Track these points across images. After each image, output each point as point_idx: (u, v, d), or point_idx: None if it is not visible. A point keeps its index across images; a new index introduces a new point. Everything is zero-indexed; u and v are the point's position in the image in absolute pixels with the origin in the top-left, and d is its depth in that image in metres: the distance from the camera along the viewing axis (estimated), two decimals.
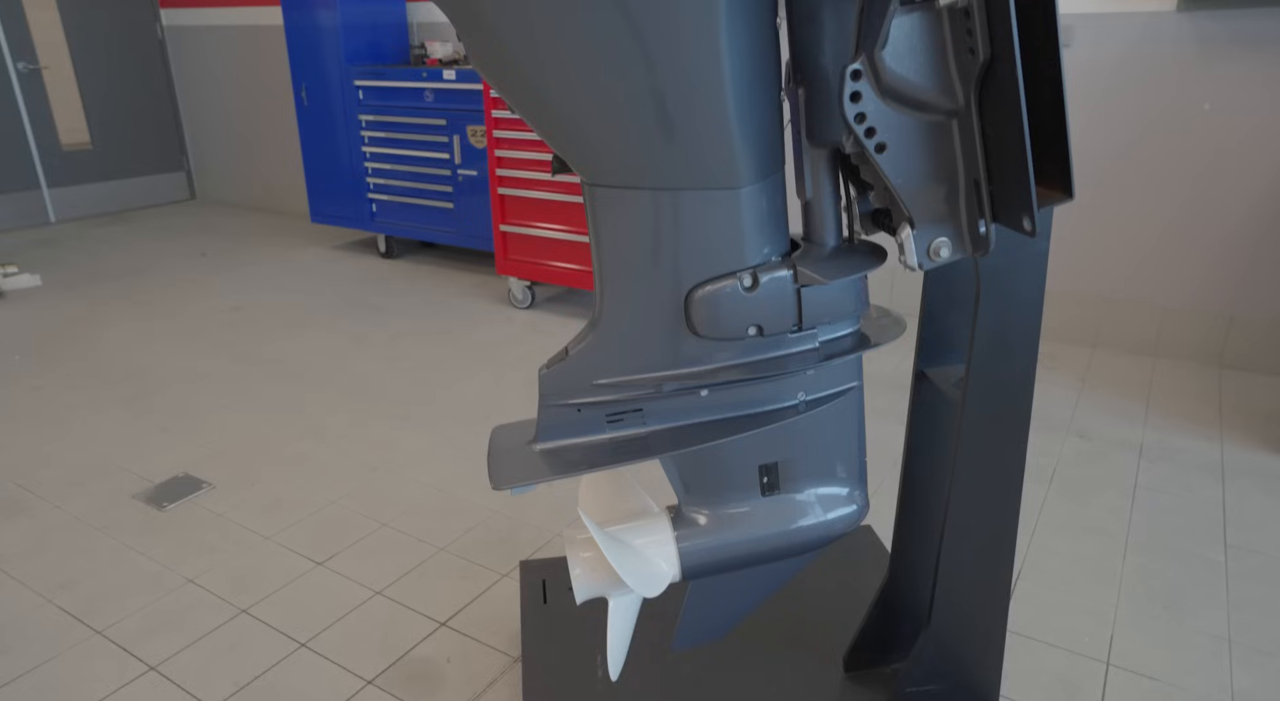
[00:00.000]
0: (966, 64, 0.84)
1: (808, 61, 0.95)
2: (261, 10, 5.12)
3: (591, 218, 0.96)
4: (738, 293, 0.96)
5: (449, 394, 2.83)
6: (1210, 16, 2.67)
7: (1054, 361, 3.04)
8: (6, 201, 5.10)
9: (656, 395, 1.03)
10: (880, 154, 0.89)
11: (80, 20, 5.28)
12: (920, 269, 0.95)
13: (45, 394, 2.85)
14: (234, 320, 3.56)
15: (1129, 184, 2.95)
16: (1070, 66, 2.93)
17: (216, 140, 5.80)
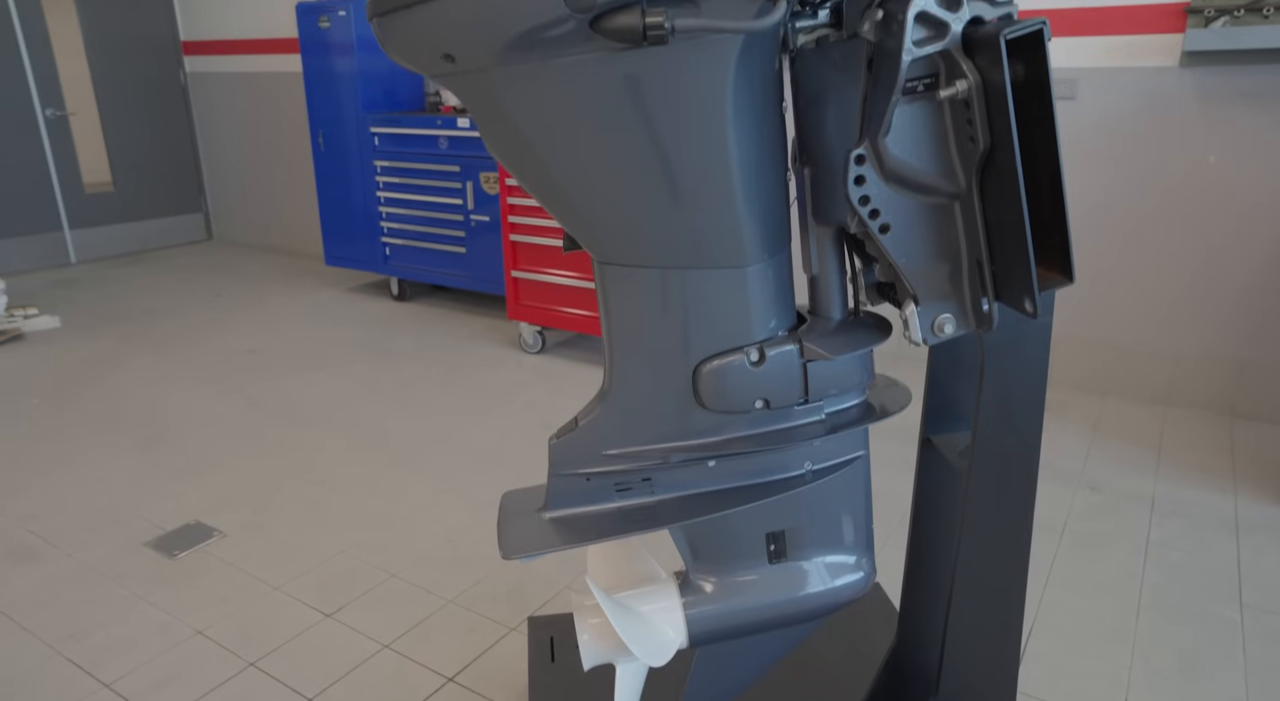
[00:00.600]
0: (967, 151, 0.86)
1: (813, 143, 0.97)
2: (281, 58, 5.25)
3: (601, 293, 0.98)
4: (744, 367, 0.98)
5: (459, 440, 2.84)
6: (1212, 72, 2.71)
7: (1065, 410, 3.03)
8: (30, 243, 5.20)
9: (664, 465, 1.05)
10: (884, 234, 0.91)
11: (108, 68, 5.43)
12: (925, 344, 0.97)
13: (62, 437, 2.88)
14: (248, 363, 3.60)
15: (1137, 233, 2.97)
16: (1075, 119, 2.97)
17: (234, 183, 5.91)
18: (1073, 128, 2.98)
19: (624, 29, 0.74)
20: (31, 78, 5.06)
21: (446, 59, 0.80)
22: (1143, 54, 2.81)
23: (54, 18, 5.16)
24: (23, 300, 4.42)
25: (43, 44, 5.10)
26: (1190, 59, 2.72)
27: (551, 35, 0.76)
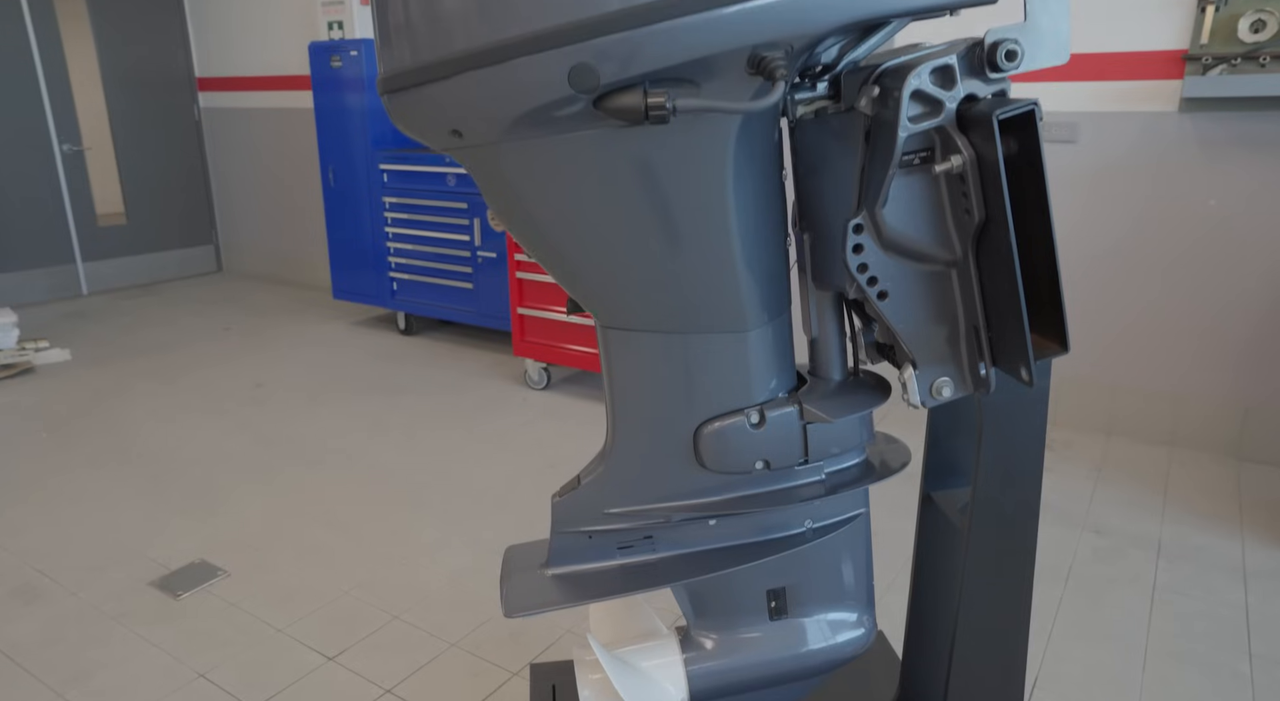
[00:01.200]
0: (963, 222, 0.88)
1: (812, 210, 1.00)
2: (293, 95, 5.34)
3: (605, 355, 1.00)
4: (745, 429, 0.99)
5: (464, 480, 2.85)
6: (1211, 118, 2.74)
7: (1069, 450, 3.03)
8: (42, 275, 5.26)
9: (666, 524, 1.06)
10: (882, 301, 0.93)
11: (124, 103, 5.53)
12: (923, 407, 0.98)
13: (70, 473, 2.90)
14: (256, 398, 3.62)
15: (1139, 274, 2.99)
16: (1076, 161, 3.00)
17: (244, 216, 5.98)
18: (1073, 170, 3.01)
19: (627, 109, 0.76)
20: (50, 113, 5.16)
21: (454, 134, 0.82)
22: (1142, 99, 2.85)
23: (73, 53, 5.27)
24: (34, 332, 4.47)
25: (62, 80, 5.20)
26: (1189, 105, 2.75)
27: (556, 114, 0.78)
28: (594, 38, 0.74)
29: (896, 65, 0.86)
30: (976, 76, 0.85)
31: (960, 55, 0.83)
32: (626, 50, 0.74)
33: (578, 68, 0.74)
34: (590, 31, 0.73)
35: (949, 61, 0.82)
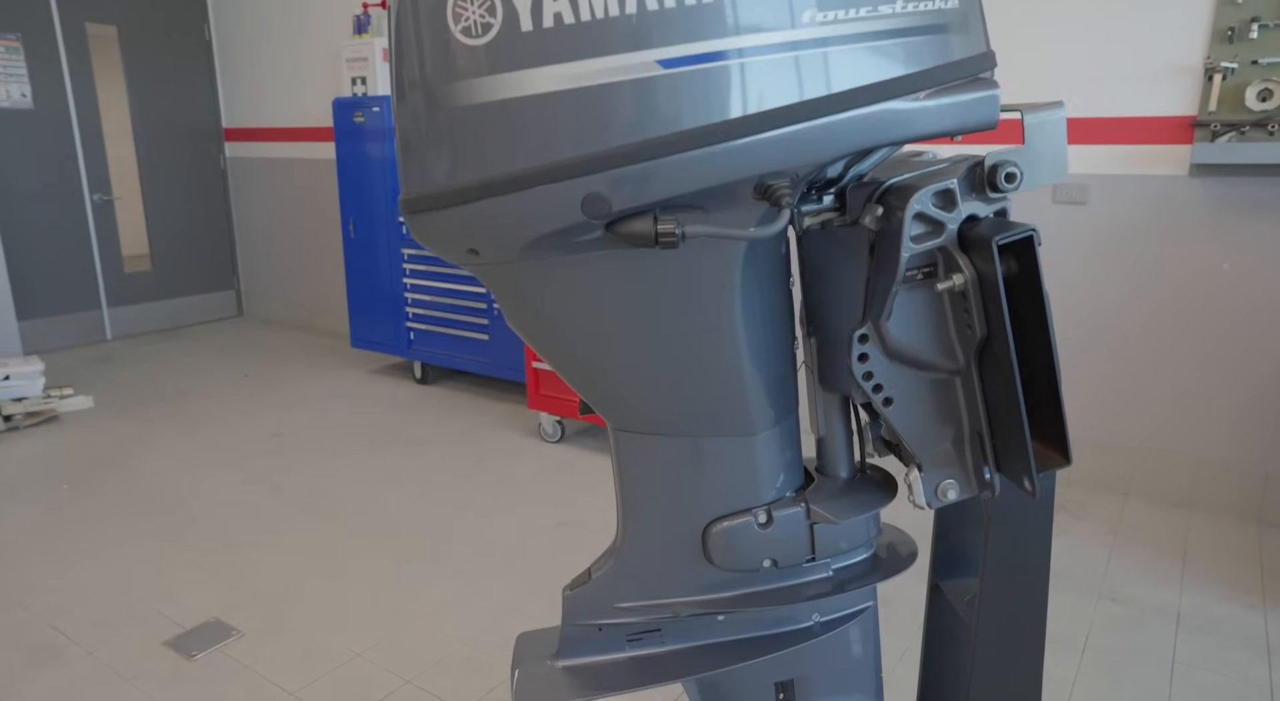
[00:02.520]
0: (966, 336, 0.91)
1: (819, 315, 1.02)
2: (315, 146, 5.47)
3: (615, 455, 1.02)
4: (752, 529, 1.01)
5: (479, 535, 2.86)
6: (1222, 183, 2.76)
7: (1085, 511, 3.00)
8: (69, 321, 5.37)
9: (675, 618, 1.07)
10: (887, 407, 0.95)
11: (153, 153, 5.69)
12: (929, 508, 0.99)
13: (89, 525, 2.93)
14: (273, 448, 3.66)
15: (1153, 335, 2.99)
16: (1087, 223, 3.02)
17: (266, 262, 6.09)
18: (1084, 231, 3.03)
19: (638, 235, 0.79)
20: (83, 164, 5.31)
21: (471, 252, 0.86)
22: (1153, 163, 2.87)
23: (107, 105, 5.44)
24: (59, 378, 4.54)
25: (95, 133, 5.37)
26: (1199, 170, 2.78)
27: (569, 238, 0.82)
28: (607, 169, 0.77)
29: (900, 184, 0.89)
30: (977, 197, 0.87)
31: (961, 177, 0.86)
32: (638, 181, 0.78)
33: (590, 197, 0.78)
34: (604, 163, 0.77)
35: (950, 185, 0.85)
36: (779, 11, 0.76)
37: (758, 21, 0.76)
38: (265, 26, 5.60)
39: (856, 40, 0.78)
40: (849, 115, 0.79)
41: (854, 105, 0.79)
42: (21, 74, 4.99)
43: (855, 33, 0.78)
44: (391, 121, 4.40)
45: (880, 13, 0.79)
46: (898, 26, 0.80)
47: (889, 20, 0.79)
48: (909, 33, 0.80)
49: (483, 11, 0.76)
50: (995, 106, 0.85)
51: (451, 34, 0.77)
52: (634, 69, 0.75)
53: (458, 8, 0.77)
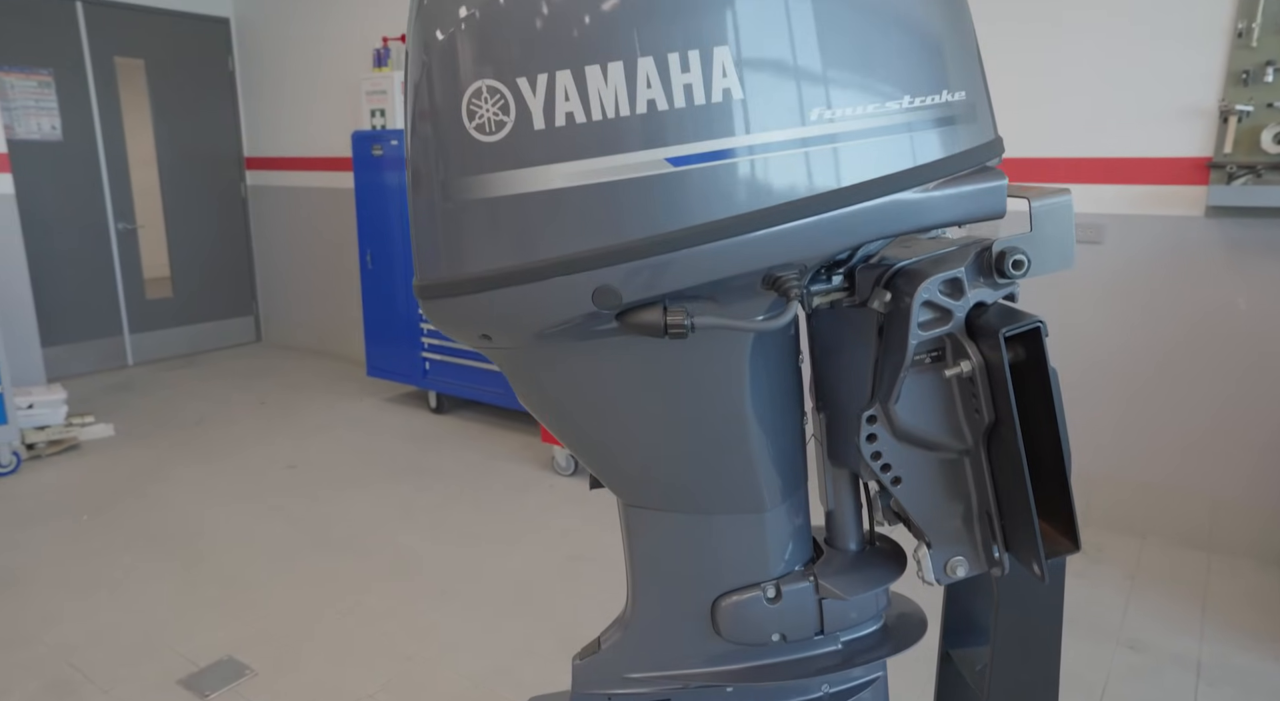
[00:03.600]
0: (974, 420, 0.91)
1: (828, 392, 1.03)
2: (334, 175, 5.54)
3: (625, 530, 1.03)
4: (761, 603, 1.01)
5: (491, 571, 2.86)
6: (1238, 224, 2.75)
7: (1102, 553, 2.97)
8: (92, 347, 5.45)
9: (685, 689, 1.07)
10: (896, 486, 0.95)
11: (176, 182, 5.79)
12: (938, 584, 0.99)
13: (106, 558, 2.96)
14: (288, 479, 3.68)
15: (1169, 374, 2.96)
16: (1102, 262, 3.01)
17: (284, 289, 6.17)
18: (1099, 270, 3.02)
19: (647, 325, 0.81)
20: (108, 194, 5.41)
21: (483, 337, 0.88)
22: (1168, 203, 2.87)
23: (133, 135, 5.54)
24: (81, 405, 4.60)
25: (121, 163, 5.47)
26: (1215, 211, 2.76)
27: (580, 326, 0.83)
28: (617, 263, 0.78)
29: (908, 268, 0.90)
30: (985, 282, 0.88)
31: (969, 264, 0.87)
32: (648, 274, 0.79)
33: (601, 289, 0.79)
34: (614, 258, 0.78)
35: (958, 273, 0.85)
36: (788, 110, 0.77)
37: (766, 119, 0.77)
38: (287, 58, 5.71)
39: (865, 136, 0.80)
40: (857, 208, 0.80)
41: (861, 199, 0.80)
42: (53, 107, 5.10)
43: (863, 128, 0.80)
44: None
45: (888, 108, 0.80)
46: (906, 121, 0.81)
47: (897, 115, 0.81)
48: (917, 126, 0.82)
49: (496, 110, 0.78)
50: (1002, 197, 0.85)
51: (466, 130, 0.79)
52: (644, 167, 0.77)
53: (472, 105, 0.79)
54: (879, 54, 0.79)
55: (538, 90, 0.76)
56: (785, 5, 0.76)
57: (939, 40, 0.83)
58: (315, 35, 5.48)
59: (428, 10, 0.81)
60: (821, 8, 0.77)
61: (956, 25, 0.85)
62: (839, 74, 0.78)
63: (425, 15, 0.81)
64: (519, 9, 0.77)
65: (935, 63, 0.82)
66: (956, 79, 0.84)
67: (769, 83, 0.77)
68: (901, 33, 0.80)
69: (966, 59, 0.86)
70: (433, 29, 0.80)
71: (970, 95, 0.85)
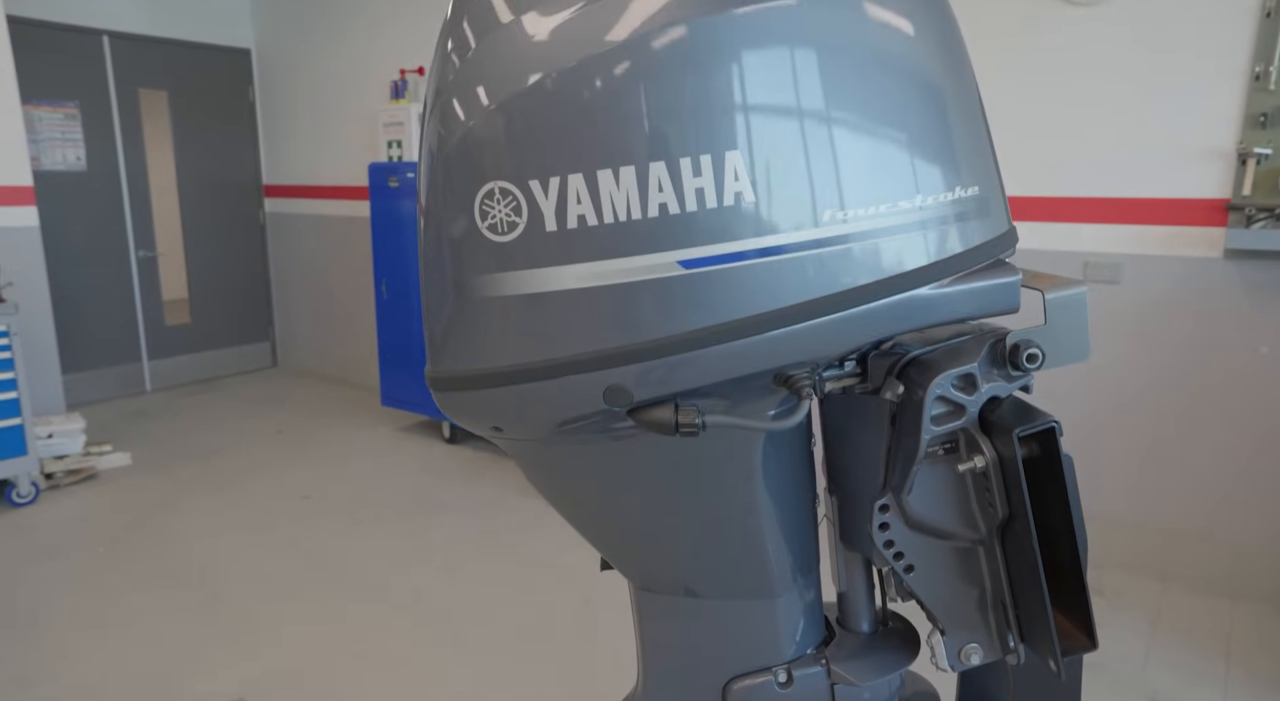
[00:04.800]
0: (988, 513, 0.90)
1: (839, 475, 1.02)
2: (351, 204, 5.60)
3: (636, 612, 1.02)
4: (772, 688, 1.00)
5: (502, 611, 2.85)
6: (1258, 267, 2.72)
7: (1121, 598, 2.92)
8: (111, 374, 5.51)
9: None
10: (909, 574, 0.94)
11: (196, 208, 5.87)
12: (952, 671, 0.98)
13: (120, 595, 2.97)
14: (303, 512, 3.70)
15: (1189, 417, 2.93)
16: (1120, 302, 2.99)
17: (300, 314, 6.22)
18: (1117, 310, 3.00)
19: (658, 423, 0.80)
20: (130, 222, 5.49)
21: (495, 429, 0.88)
22: (1186, 244, 2.84)
23: (154, 161, 5.63)
24: (99, 433, 4.64)
25: (143, 192, 5.55)
26: (1234, 254, 2.74)
27: (591, 421, 0.83)
28: (628, 364, 0.78)
29: (922, 359, 0.89)
30: (999, 375, 0.87)
31: (983, 357, 0.86)
32: (660, 374, 0.79)
33: (613, 388, 0.79)
34: (625, 359, 0.78)
35: (971, 369, 0.85)
36: (800, 212, 0.77)
37: (778, 222, 0.77)
38: (306, 88, 5.79)
39: (878, 235, 0.79)
40: (869, 307, 0.80)
41: (874, 298, 0.80)
42: (78, 139, 5.19)
43: (876, 228, 0.79)
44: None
45: (900, 208, 0.80)
46: (919, 219, 0.81)
47: (910, 214, 0.80)
48: (930, 224, 0.81)
49: (509, 211, 0.78)
50: (1016, 293, 0.85)
51: (479, 230, 0.80)
52: (656, 269, 0.77)
53: (484, 206, 0.79)
54: (891, 156, 0.79)
55: (550, 193, 0.77)
56: (798, 110, 0.77)
57: (951, 138, 0.83)
58: (334, 67, 5.56)
59: (442, 107, 0.82)
60: (834, 112, 0.77)
61: (968, 119, 0.85)
62: (852, 176, 0.78)
63: (439, 112, 0.82)
64: (532, 112, 0.77)
65: (948, 160, 0.82)
66: (969, 174, 0.84)
67: (781, 186, 0.77)
68: (914, 134, 0.80)
69: (979, 152, 0.86)
70: (447, 126, 0.81)
71: (983, 188, 0.85)
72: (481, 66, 0.79)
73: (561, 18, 0.76)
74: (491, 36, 0.79)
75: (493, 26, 0.79)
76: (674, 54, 0.75)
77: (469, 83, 0.79)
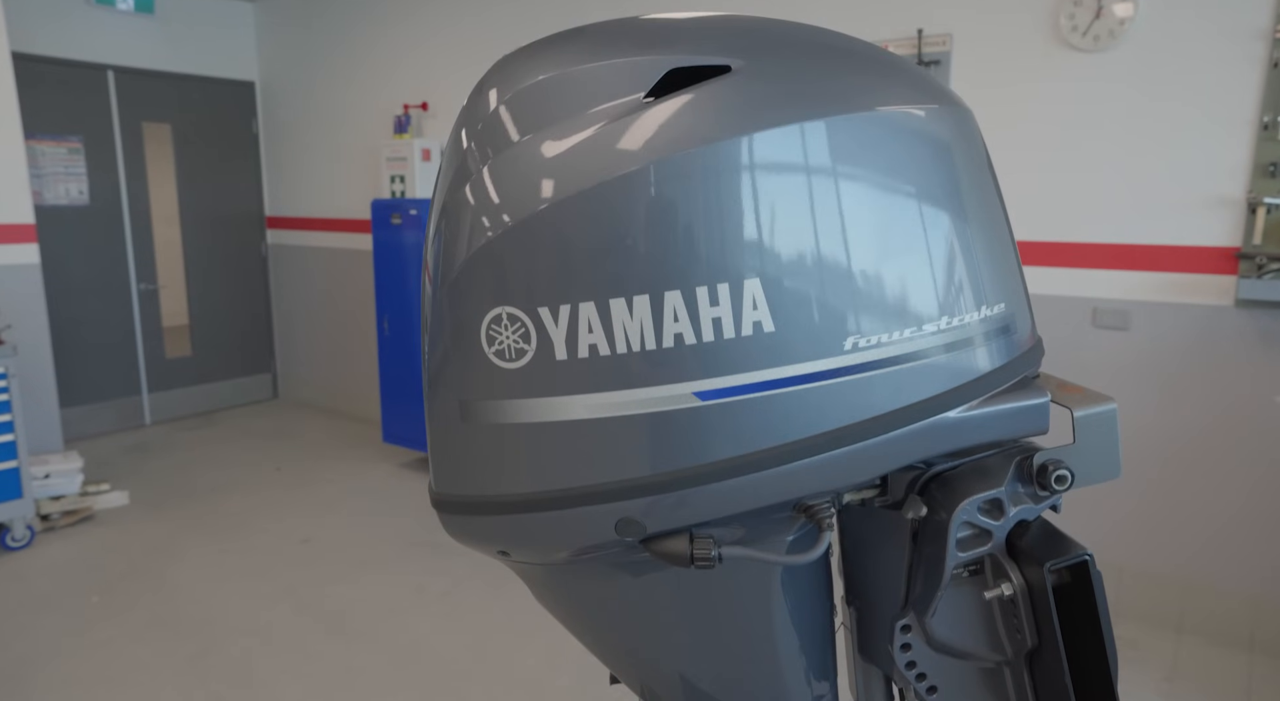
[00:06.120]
0: (1016, 639, 0.86)
1: (859, 588, 0.98)
2: (355, 236, 5.59)
3: None
4: None
5: (503, 664, 2.79)
6: (1269, 315, 2.69)
7: (1136, 650, 2.86)
8: (109, 407, 5.47)
9: None
10: (931, 695, 0.90)
11: (198, 240, 5.86)
12: None
13: (114, 649, 2.92)
14: (301, 556, 3.64)
15: (1201, 466, 2.88)
16: (1129, 349, 2.96)
17: (302, 347, 6.19)
18: (1126, 357, 2.96)
19: (673, 554, 0.77)
20: (131, 256, 5.48)
21: (502, 553, 0.84)
22: (1197, 292, 2.81)
23: (156, 192, 5.62)
24: (97, 470, 4.60)
25: (145, 226, 5.55)
26: (1245, 302, 2.71)
27: (601, 552, 0.79)
28: (641, 496, 0.75)
29: (946, 476, 0.86)
30: (1026, 494, 0.84)
31: (1010, 477, 0.83)
32: (674, 506, 0.75)
33: (625, 520, 0.76)
34: (637, 491, 0.75)
35: (998, 495, 0.81)
36: (820, 340, 0.74)
37: (798, 351, 0.74)
38: (310, 122, 5.80)
39: (902, 361, 0.76)
40: (894, 435, 0.77)
41: (898, 425, 0.76)
42: (81, 173, 5.20)
43: (901, 354, 0.76)
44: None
45: (925, 331, 0.77)
46: (944, 342, 0.77)
47: (935, 337, 0.77)
48: (956, 346, 0.78)
49: (517, 338, 0.75)
50: (1045, 415, 0.81)
51: (485, 355, 0.76)
52: (670, 400, 0.73)
53: (491, 331, 0.76)
54: (915, 279, 0.76)
55: (560, 321, 0.73)
56: (817, 236, 0.73)
57: (976, 257, 0.80)
58: (338, 100, 5.58)
59: (448, 225, 0.79)
60: (855, 238, 0.74)
61: (994, 234, 0.82)
62: (875, 302, 0.75)
63: (446, 230, 0.79)
64: (542, 237, 0.74)
65: (973, 279, 0.79)
66: (995, 291, 0.81)
67: (801, 314, 0.73)
68: (937, 256, 0.77)
69: (1005, 267, 0.83)
70: (452, 246, 0.78)
71: (1009, 304, 0.82)
72: (490, 187, 0.76)
73: (572, 141, 0.73)
74: (502, 156, 0.76)
75: (503, 145, 0.76)
76: (691, 179, 0.72)
77: (476, 203, 0.76)
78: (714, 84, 0.73)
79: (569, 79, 0.75)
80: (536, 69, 0.76)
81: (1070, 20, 2.90)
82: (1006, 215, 0.86)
